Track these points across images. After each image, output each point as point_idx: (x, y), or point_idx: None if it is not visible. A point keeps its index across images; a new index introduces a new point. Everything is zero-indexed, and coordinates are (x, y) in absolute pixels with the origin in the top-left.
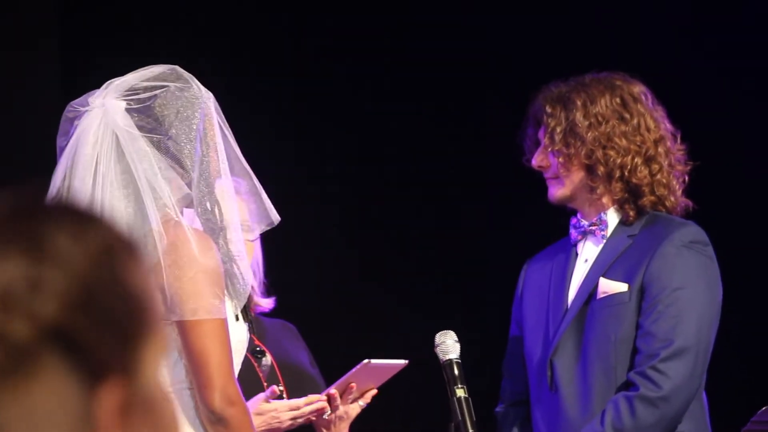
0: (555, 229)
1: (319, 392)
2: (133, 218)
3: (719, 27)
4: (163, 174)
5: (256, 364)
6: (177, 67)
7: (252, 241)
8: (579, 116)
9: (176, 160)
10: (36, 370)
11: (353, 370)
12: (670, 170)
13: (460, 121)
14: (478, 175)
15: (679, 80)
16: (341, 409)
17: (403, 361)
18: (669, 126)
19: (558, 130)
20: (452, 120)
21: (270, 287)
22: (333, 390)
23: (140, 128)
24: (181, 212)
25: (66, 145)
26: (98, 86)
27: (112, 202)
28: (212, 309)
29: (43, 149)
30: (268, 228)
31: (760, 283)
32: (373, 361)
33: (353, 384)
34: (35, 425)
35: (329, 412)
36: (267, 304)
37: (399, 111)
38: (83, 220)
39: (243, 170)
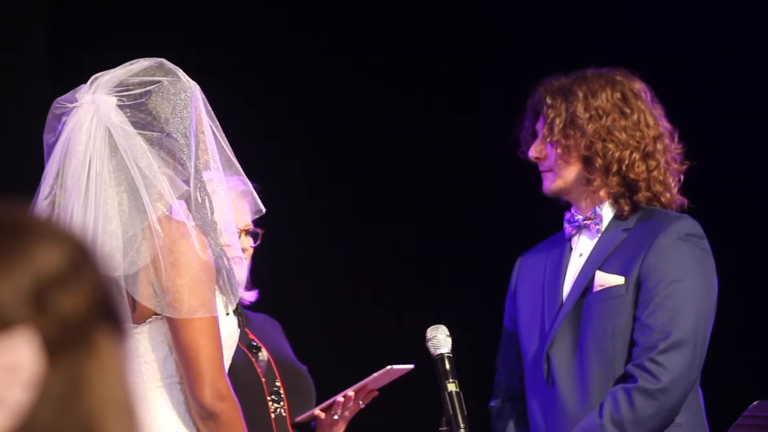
0: (548, 223)
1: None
2: (127, 215)
3: (717, 26)
4: (162, 171)
5: (253, 360)
6: (164, 61)
7: (253, 246)
8: (580, 108)
9: (173, 156)
10: (90, 342)
11: (375, 374)
12: (666, 168)
13: (453, 118)
14: (470, 167)
15: (676, 79)
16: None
17: (410, 366)
18: (667, 125)
19: (558, 121)
20: (445, 117)
21: (254, 281)
22: (351, 392)
23: (134, 124)
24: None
25: (54, 142)
26: (86, 81)
27: (106, 200)
28: (211, 307)
29: (30, 145)
30: (256, 216)
31: (754, 278)
32: (395, 366)
33: (368, 386)
34: (97, 392)
35: (339, 412)
36: (249, 296)
37: (390, 106)
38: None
39: (228, 161)
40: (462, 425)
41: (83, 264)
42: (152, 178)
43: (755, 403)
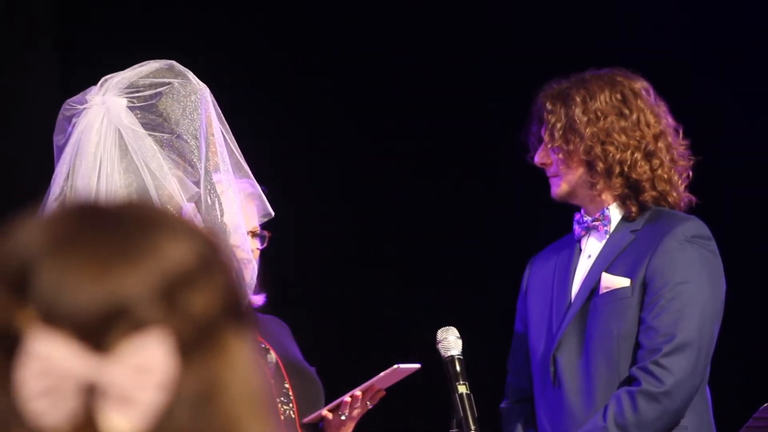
0: (559, 225)
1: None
2: None
3: (721, 21)
4: (172, 172)
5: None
6: (174, 62)
7: (260, 249)
8: (578, 112)
9: (183, 158)
10: (221, 343)
11: (382, 374)
12: (671, 165)
13: (462, 115)
14: (481, 170)
15: (681, 76)
16: (356, 411)
17: (416, 365)
18: (671, 121)
19: (558, 126)
20: (454, 114)
21: (262, 282)
22: (358, 392)
23: (144, 126)
24: None
25: (65, 143)
26: (96, 83)
27: None
28: None
29: (40, 147)
30: (264, 220)
31: (763, 276)
32: (402, 365)
33: (375, 386)
34: (232, 392)
35: (347, 413)
36: (258, 300)
37: (398, 103)
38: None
39: (237, 164)
40: (473, 427)
41: (213, 261)
42: (162, 179)
43: (765, 405)
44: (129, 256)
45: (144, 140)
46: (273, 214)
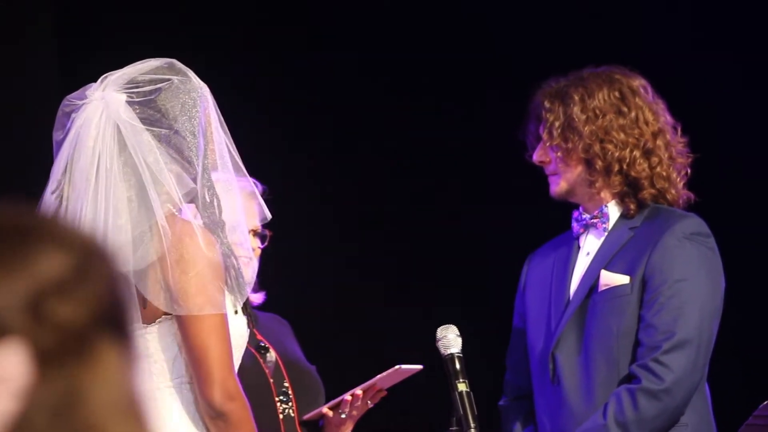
0: (557, 222)
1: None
2: (136, 212)
3: (721, 18)
4: (169, 167)
5: (261, 360)
6: (174, 61)
7: (261, 247)
8: (577, 110)
9: (181, 154)
10: (90, 352)
11: (383, 373)
12: (670, 163)
13: (460, 114)
14: (479, 168)
15: (680, 72)
16: (356, 410)
17: (418, 366)
18: (669, 119)
19: (556, 125)
20: (452, 113)
21: (262, 280)
22: (359, 391)
23: (142, 121)
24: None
25: (64, 138)
26: (96, 80)
27: (116, 195)
28: (218, 304)
29: (40, 147)
30: (262, 222)
31: (764, 273)
32: (404, 366)
33: (377, 386)
34: (95, 400)
35: (347, 411)
36: (257, 298)
37: (396, 104)
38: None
39: (236, 164)
40: (472, 425)
41: (89, 270)
42: (158, 174)
43: (766, 402)
44: None
45: (141, 135)
46: (270, 217)
